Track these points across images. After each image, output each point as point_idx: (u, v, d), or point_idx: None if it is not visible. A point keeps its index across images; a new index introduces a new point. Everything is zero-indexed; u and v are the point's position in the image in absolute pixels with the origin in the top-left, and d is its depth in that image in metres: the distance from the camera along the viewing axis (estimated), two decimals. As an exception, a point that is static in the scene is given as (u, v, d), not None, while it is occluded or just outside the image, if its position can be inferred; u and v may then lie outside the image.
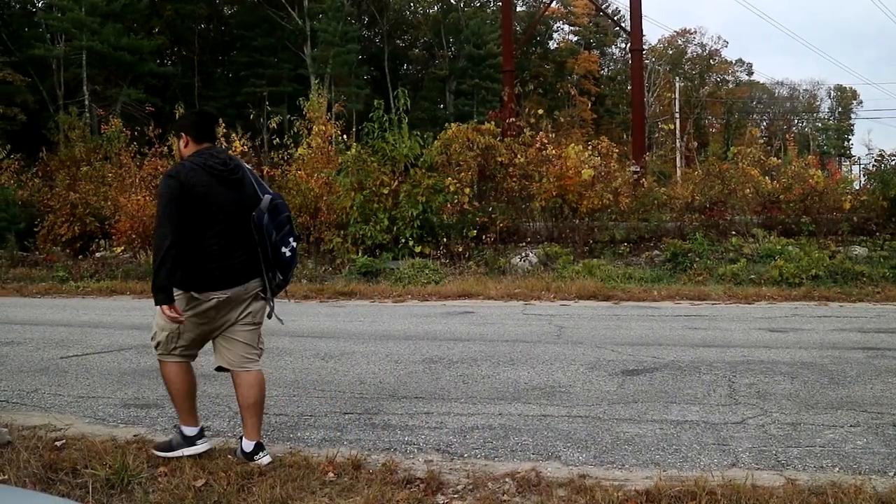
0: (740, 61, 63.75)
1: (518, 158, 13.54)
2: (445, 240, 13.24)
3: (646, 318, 8.40)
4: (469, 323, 8.38)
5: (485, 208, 13.49)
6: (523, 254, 12.87)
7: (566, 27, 56.96)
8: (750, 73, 64.50)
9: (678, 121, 40.80)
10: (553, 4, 48.81)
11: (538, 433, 4.25)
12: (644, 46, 23.90)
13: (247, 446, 3.76)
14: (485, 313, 9.06)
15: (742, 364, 5.85)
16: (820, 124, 68.63)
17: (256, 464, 3.68)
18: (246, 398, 3.78)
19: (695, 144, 29.03)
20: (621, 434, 4.21)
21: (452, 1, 48.02)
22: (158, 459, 3.76)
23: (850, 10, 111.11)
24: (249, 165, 3.95)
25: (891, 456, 3.77)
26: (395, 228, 13.22)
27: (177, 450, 3.77)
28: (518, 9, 47.00)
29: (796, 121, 67.51)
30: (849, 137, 68.32)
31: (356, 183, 13.27)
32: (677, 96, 43.78)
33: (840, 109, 69.84)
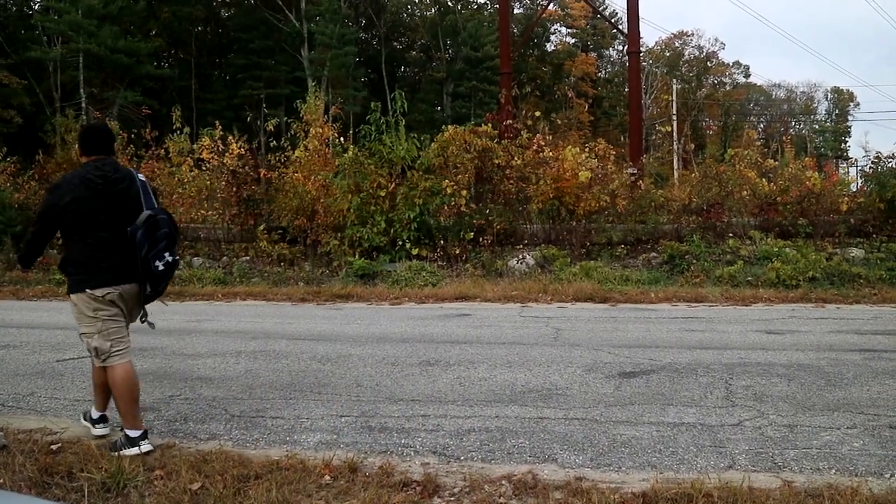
0: (737, 63, 63.94)
1: (515, 161, 13.52)
2: (442, 242, 13.23)
3: (643, 321, 8.40)
4: (466, 325, 8.37)
5: (482, 210, 13.46)
6: (520, 256, 12.86)
7: (563, 29, 57.11)
8: (747, 76, 64.63)
9: (675, 123, 40.86)
10: (550, 7, 48.89)
11: (535, 435, 4.25)
12: (641, 49, 23.85)
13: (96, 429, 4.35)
14: (482, 315, 9.05)
15: (739, 366, 5.86)
16: (817, 126, 68.76)
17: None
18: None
19: (692, 146, 28.96)
20: (618, 436, 4.21)
21: (450, 3, 48.05)
22: (154, 463, 3.80)
23: (848, 13, 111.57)
24: (143, 177, 4.20)
25: (887, 458, 3.78)
26: (393, 231, 13.20)
27: (121, 450, 3.95)
28: (515, 11, 47.17)
29: (793, 123, 67.66)
30: (846, 139, 68.54)
31: (353, 185, 13.25)
32: (674, 98, 43.88)
33: (837, 111, 70.02)
